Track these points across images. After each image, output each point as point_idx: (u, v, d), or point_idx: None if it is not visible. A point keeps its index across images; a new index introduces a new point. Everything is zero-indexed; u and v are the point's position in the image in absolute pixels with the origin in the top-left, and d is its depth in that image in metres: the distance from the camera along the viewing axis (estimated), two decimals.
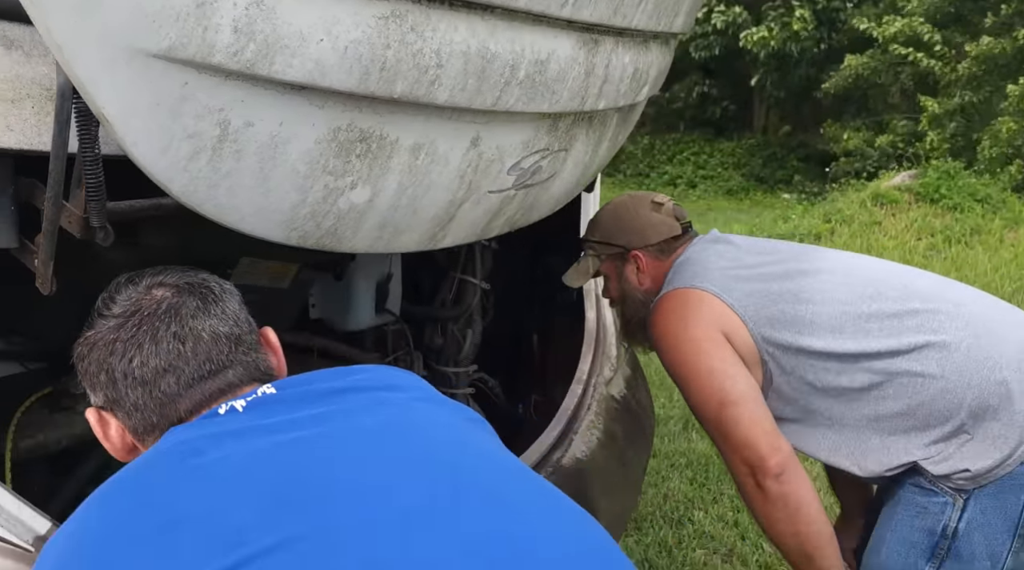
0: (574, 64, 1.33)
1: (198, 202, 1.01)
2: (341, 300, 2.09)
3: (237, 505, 0.74)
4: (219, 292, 1.00)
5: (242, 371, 0.95)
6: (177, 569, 0.70)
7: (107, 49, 0.84)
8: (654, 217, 1.85)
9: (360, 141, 1.11)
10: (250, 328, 1.01)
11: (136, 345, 0.91)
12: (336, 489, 0.76)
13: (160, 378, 0.91)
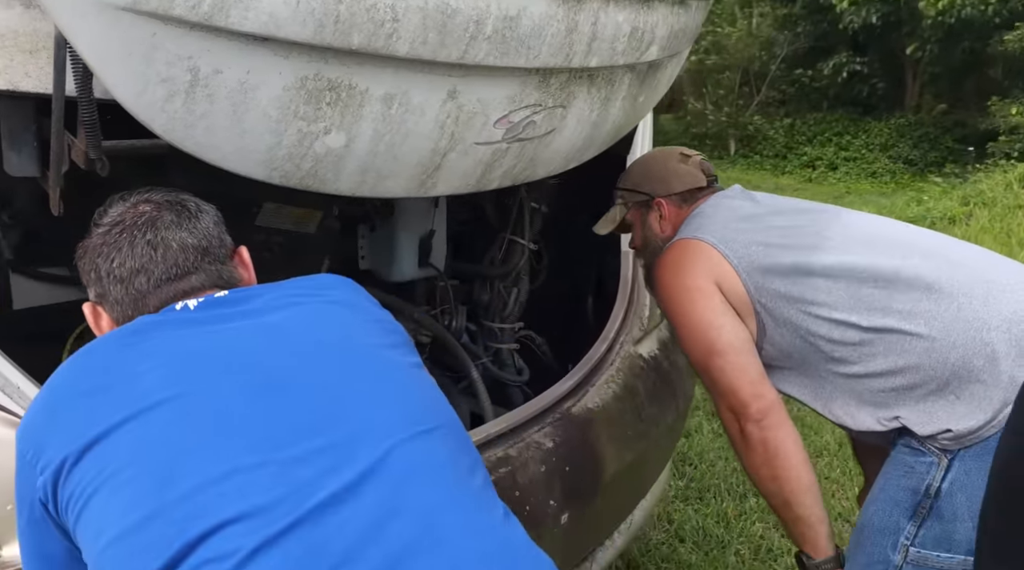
0: (551, 20, 1.40)
1: (179, 140, 1.17)
2: (386, 253, 2.25)
3: (150, 373, 0.90)
4: (194, 210, 1.16)
5: (204, 277, 1.11)
6: (95, 422, 0.87)
7: (80, 3, 1.00)
8: (680, 167, 1.92)
9: (329, 90, 1.24)
10: (220, 244, 1.16)
11: (117, 249, 1.09)
12: (221, 364, 0.91)
13: (134, 277, 1.08)
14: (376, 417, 0.91)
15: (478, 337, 2.52)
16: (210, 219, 1.17)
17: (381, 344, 1.03)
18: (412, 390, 0.99)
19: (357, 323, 1.06)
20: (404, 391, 0.97)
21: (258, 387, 0.90)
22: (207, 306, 1.03)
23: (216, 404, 0.88)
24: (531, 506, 1.71)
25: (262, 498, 0.80)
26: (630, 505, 2.22)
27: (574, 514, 1.82)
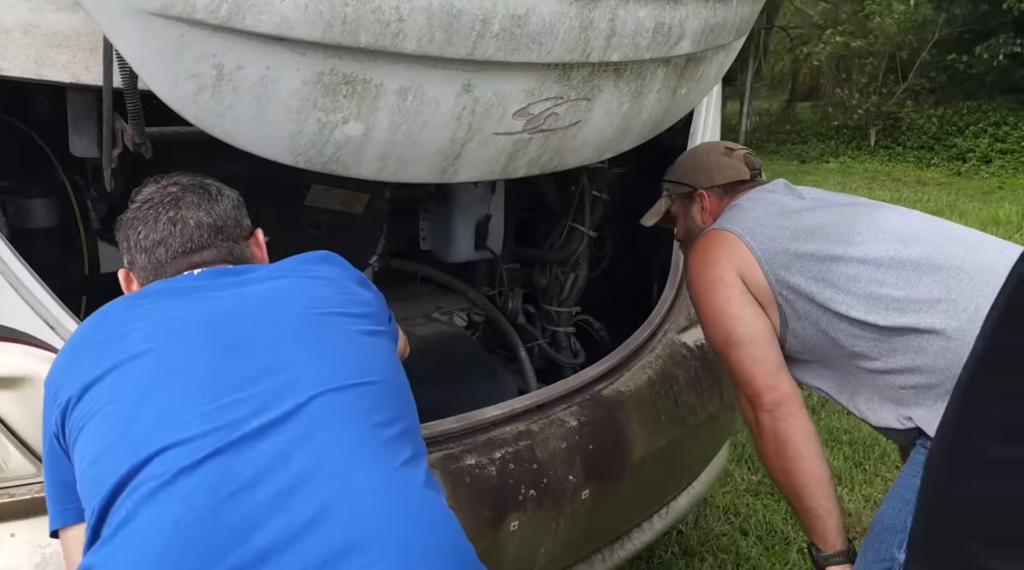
0: (563, 18, 1.47)
1: (210, 128, 1.33)
2: (444, 235, 2.38)
3: (138, 331, 1.06)
4: (215, 193, 1.32)
5: (216, 253, 1.27)
6: (94, 368, 1.04)
7: (116, 8, 1.17)
8: (723, 160, 1.94)
9: (345, 83, 1.36)
10: (236, 224, 1.32)
11: (144, 222, 1.27)
12: (196, 324, 1.06)
13: (156, 248, 1.25)
14: (309, 371, 1.03)
15: (536, 319, 2.61)
16: (229, 202, 1.33)
17: (338, 312, 1.15)
18: (348, 352, 1.10)
19: (324, 295, 1.18)
20: (340, 352, 1.09)
21: (218, 344, 1.04)
22: (210, 276, 1.19)
23: (181, 357, 1.03)
24: (548, 479, 1.80)
25: (198, 430, 0.94)
26: (668, 491, 2.26)
27: (596, 491, 1.89)
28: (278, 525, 0.88)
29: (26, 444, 1.37)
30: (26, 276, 1.40)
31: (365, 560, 0.87)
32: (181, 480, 0.90)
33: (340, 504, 0.91)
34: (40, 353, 1.38)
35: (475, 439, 1.76)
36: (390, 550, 0.89)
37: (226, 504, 0.89)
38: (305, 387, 1.00)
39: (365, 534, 0.90)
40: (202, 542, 0.86)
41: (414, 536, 0.93)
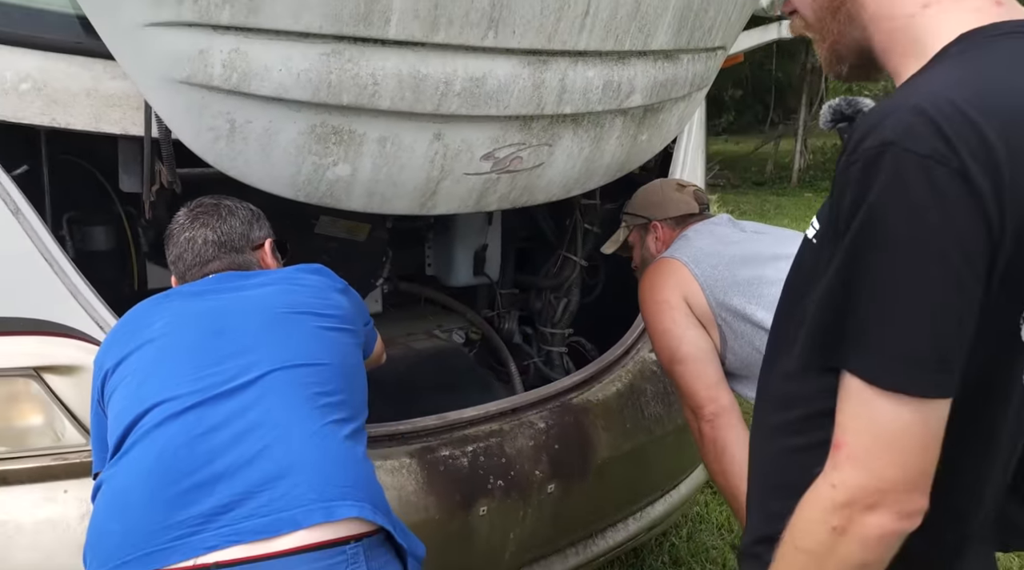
0: (517, 79, 1.78)
1: (226, 169, 1.67)
2: (445, 262, 2.69)
3: (157, 321, 1.40)
4: (225, 213, 1.67)
5: (221, 263, 1.61)
6: (125, 348, 1.37)
7: (153, 78, 1.52)
8: (675, 195, 2.21)
9: (333, 133, 1.70)
10: (241, 238, 1.66)
11: (173, 241, 1.63)
12: (197, 318, 1.39)
13: (178, 261, 1.61)
14: (271, 353, 1.35)
15: (533, 340, 2.89)
16: (238, 220, 1.68)
17: (308, 312, 1.47)
18: (305, 341, 1.41)
19: (301, 299, 1.50)
20: (299, 341, 1.40)
21: (210, 331, 1.38)
22: (218, 280, 1.53)
23: (182, 340, 1.37)
24: (515, 472, 2.07)
25: (184, 390, 1.27)
26: (640, 495, 2.49)
27: (562, 486, 2.15)
28: (232, 456, 1.20)
29: (78, 419, 1.72)
30: (83, 287, 1.76)
31: (291, 482, 1.19)
32: (168, 423, 1.23)
33: (278, 445, 1.22)
34: (91, 348, 1.73)
35: (451, 435, 2.04)
36: (310, 477, 1.20)
37: (197, 440, 1.21)
38: (266, 364, 1.32)
39: (293, 465, 1.21)
40: (177, 464, 1.19)
41: (330, 469, 1.23)
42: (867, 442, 0.88)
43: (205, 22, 1.46)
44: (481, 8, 1.63)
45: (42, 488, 1.69)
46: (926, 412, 0.86)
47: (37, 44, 1.64)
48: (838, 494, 0.90)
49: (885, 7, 0.96)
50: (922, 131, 0.82)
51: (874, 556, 0.91)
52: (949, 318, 0.84)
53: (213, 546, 1.16)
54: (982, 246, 0.82)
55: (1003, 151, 0.82)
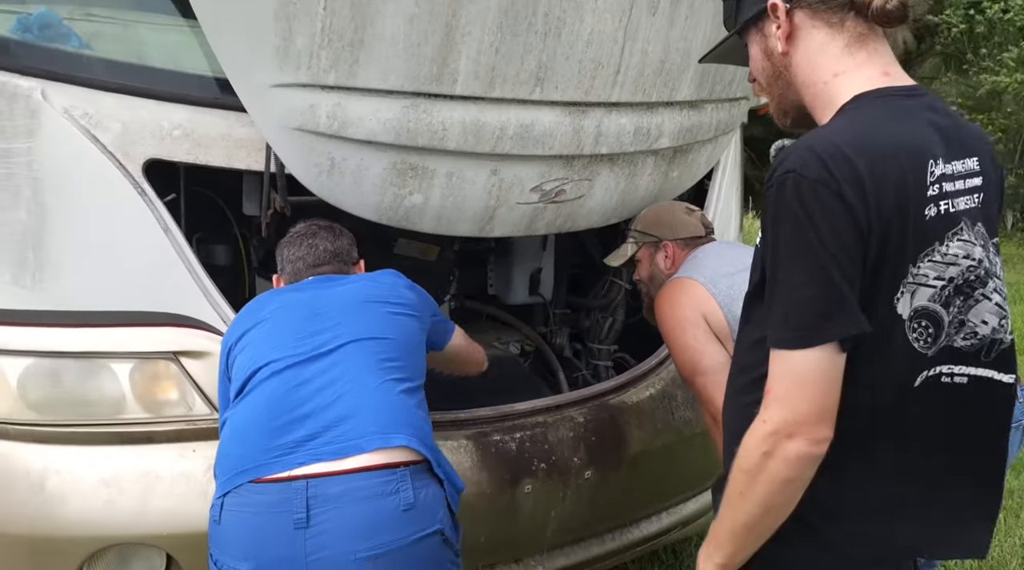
0: (560, 125, 2.18)
1: (326, 197, 2.11)
2: (505, 282, 3.09)
3: (269, 306, 1.83)
4: (338, 232, 2.12)
5: (330, 268, 2.04)
6: (244, 327, 1.82)
7: (274, 126, 1.97)
8: (686, 218, 2.48)
9: (410, 169, 2.12)
10: (347, 254, 2.11)
11: (293, 245, 2.08)
12: (299, 304, 1.84)
13: (297, 262, 2.05)
14: (350, 329, 1.77)
15: (582, 354, 3.24)
16: (347, 240, 2.12)
17: (381, 301, 1.88)
18: (377, 321, 1.81)
19: (377, 292, 1.91)
20: (370, 321, 1.81)
21: (308, 313, 1.82)
22: (316, 281, 1.97)
23: (286, 319, 1.81)
24: (556, 457, 2.42)
25: (285, 354, 1.71)
26: (672, 490, 2.80)
27: (598, 473, 2.49)
28: (317, 401, 1.63)
29: (205, 394, 2.16)
30: (213, 290, 2.20)
31: (357, 420, 1.61)
32: (273, 377, 1.68)
33: (350, 394, 1.65)
34: (216, 337, 2.17)
35: (502, 423, 2.41)
36: (372, 416, 1.62)
37: (293, 389, 1.66)
38: (346, 336, 1.75)
39: (360, 408, 1.63)
40: (278, 405, 1.64)
41: (387, 411, 1.65)
42: (786, 385, 1.20)
43: (316, 83, 1.91)
44: (529, 70, 2.04)
45: (176, 447, 2.12)
46: (824, 363, 1.18)
47: (187, 100, 2.12)
48: (767, 426, 1.21)
49: (809, 76, 1.33)
50: (812, 163, 1.17)
51: (794, 473, 1.21)
52: (834, 292, 1.17)
53: (301, 462, 1.59)
54: (853, 243, 1.17)
55: (868, 178, 1.17)
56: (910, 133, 1.23)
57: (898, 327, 1.24)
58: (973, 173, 1.27)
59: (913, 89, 1.29)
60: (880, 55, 1.30)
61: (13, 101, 2.05)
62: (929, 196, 1.21)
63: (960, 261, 1.24)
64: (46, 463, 2.06)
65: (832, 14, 1.29)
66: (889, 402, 1.28)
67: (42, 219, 2.08)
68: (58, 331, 2.10)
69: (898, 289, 1.22)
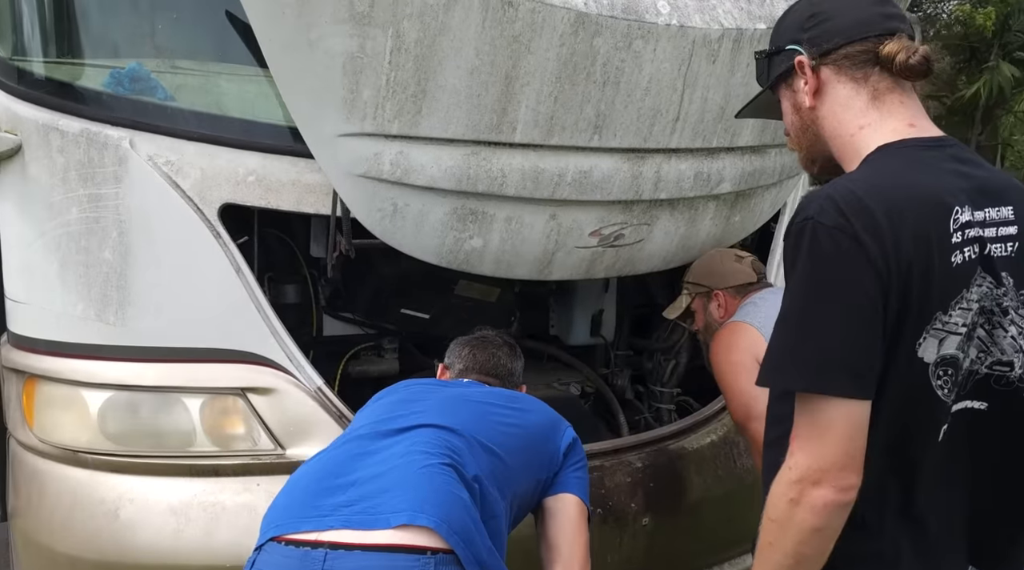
0: (618, 172, 2.20)
1: (389, 241, 2.18)
2: (566, 323, 3.10)
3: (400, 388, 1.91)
4: (518, 354, 2.17)
5: (497, 383, 2.07)
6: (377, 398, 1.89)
7: (341, 172, 2.06)
8: (735, 266, 2.48)
9: (470, 214, 2.17)
10: (518, 376, 2.15)
11: (473, 347, 2.12)
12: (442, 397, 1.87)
13: (472, 362, 2.09)
14: (434, 415, 1.75)
15: (644, 397, 3.22)
16: (521, 364, 2.17)
17: (490, 405, 1.88)
18: (467, 417, 1.78)
19: (496, 400, 1.92)
20: (461, 415, 1.78)
21: (410, 397, 1.85)
22: (473, 384, 2.01)
23: (394, 399, 1.86)
24: (613, 503, 2.41)
25: (365, 423, 1.76)
26: (733, 541, 2.74)
27: (656, 520, 2.46)
28: (366, 471, 1.60)
29: (270, 430, 2.23)
30: (281, 329, 2.29)
31: (393, 494, 1.55)
32: (344, 445, 1.72)
33: (397, 470, 1.61)
34: (282, 375, 2.26)
35: None
36: (408, 493, 1.56)
37: (354, 458, 1.66)
38: (424, 419, 1.75)
39: (400, 484, 1.58)
40: (335, 469, 1.63)
41: (425, 492, 1.57)
42: (810, 433, 1.21)
43: (380, 133, 1.98)
44: (587, 118, 2.08)
45: (241, 481, 2.20)
46: (847, 409, 1.18)
47: (259, 147, 2.22)
48: (792, 474, 1.21)
49: (835, 129, 1.37)
50: (831, 210, 1.20)
51: (822, 522, 1.20)
52: (856, 338, 1.17)
53: (331, 526, 1.56)
54: (874, 289, 1.17)
55: (886, 225, 1.18)
56: (931, 182, 1.25)
57: (920, 373, 1.23)
58: (1008, 221, 1.28)
59: (939, 140, 1.31)
60: (906, 107, 1.33)
61: (104, 150, 2.19)
62: (954, 243, 1.22)
63: (974, 305, 1.24)
64: (120, 492, 2.17)
65: (857, 69, 1.33)
66: (914, 449, 1.27)
67: (126, 259, 2.20)
68: (136, 365, 2.22)
69: (921, 335, 1.21)
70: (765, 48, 1.49)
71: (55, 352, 2.27)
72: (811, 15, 1.38)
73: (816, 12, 1.38)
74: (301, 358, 2.28)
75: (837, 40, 1.34)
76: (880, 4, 1.36)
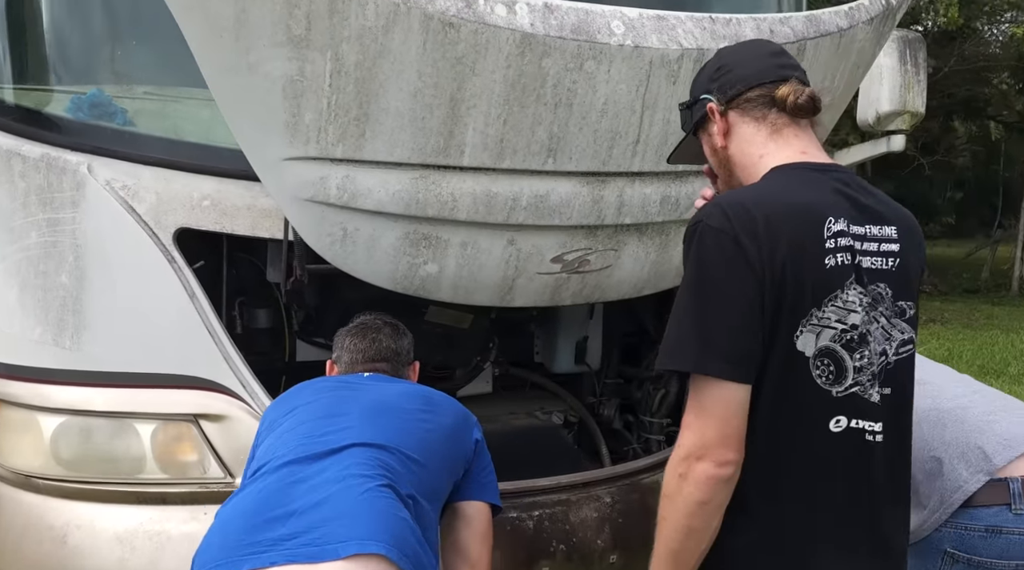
0: (578, 196, 2.13)
1: (341, 266, 2.14)
2: (550, 350, 3.02)
3: (303, 396, 1.85)
4: (402, 332, 2.14)
5: (387, 366, 2.05)
6: (273, 416, 1.83)
7: (288, 197, 2.03)
8: None
9: (424, 239, 2.12)
10: (406, 354, 2.13)
11: (355, 336, 2.09)
12: (332, 402, 1.84)
13: (356, 352, 2.07)
14: (361, 432, 1.71)
15: (633, 427, 3.11)
16: (408, 340, 2.14)
17: (409, 411, 1.85)
18: (393, 429, 1.75)
19: (411, 404, 1.88)
20: (387, 427, 1.75)
21: (329, 412, 1.80)
22: (371, 378, 1.98)
23: (308, 415, 1.80)
24: (578, 539, 2.31)
25: (289, 449, 1.70)
26: None
27: (623, 558, 2.36)
28: (304, 501, 1.54)
29: (221, 458, 2.20)
30: (234, 355, 2.26)
31: (339, 524, 1.51)
32: (271, 473, 1.65)
33: (337, 497, 1.56)
34: (235, 402, 2.23)
35: (521, 499, 2.33)
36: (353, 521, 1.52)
37: (286, 488, 1.60)
38: (352, 438, 1.71)
39: (344, 512, 1.54)
40: (268, 501, 1.58)
41: (370, 518, 1.54)
42: (695, 414, 1.35)
43: (325, 157, 1.95)
44: (540, 141, 2.01)
45: (189, 509, 2.17)
46: (725, 392, 1.32)
47: (215, 172, 2.21)
48: (680, 451, 1.36)
49: (742, 161, 1.55)
50: (717, 215, 1.37)
51: (706, 495, 1.33)
52: (733, 328, 1.32)
53: (275, 561, 1.51)
54: (751, 286, 1.32)
55: (764, 230, 1.34)
56: (811, 196, 1.41)
57: (801, 364, 1.35)
58: (889, 239, 1.44)
59: (828, 166, 1.49)
60: (800, 139, 1.52)
61: (63, 174, 2.20)
62: (827, 248, 1.37)
63: (857, 308, 1.38)
64: (68, 518, 2.15)
65: (757, 110, 1.52)
66: (800, 438, 1.37)
67: (81, 284, 2.20)
68: (90, 390, 2.21)
69: (797, 327, 1.35)
70: (687, 99, 1.67)
71: (13, 376, 2.27)
72: (718, 67, 1.58)
73: (722, 65, 1.58)
74: (255, 384, 2.24)
75: (739, 87, 1.53)
76: (775, 56, 1.56)
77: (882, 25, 2.37)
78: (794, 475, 1.37)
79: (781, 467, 1.37)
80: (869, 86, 3.31)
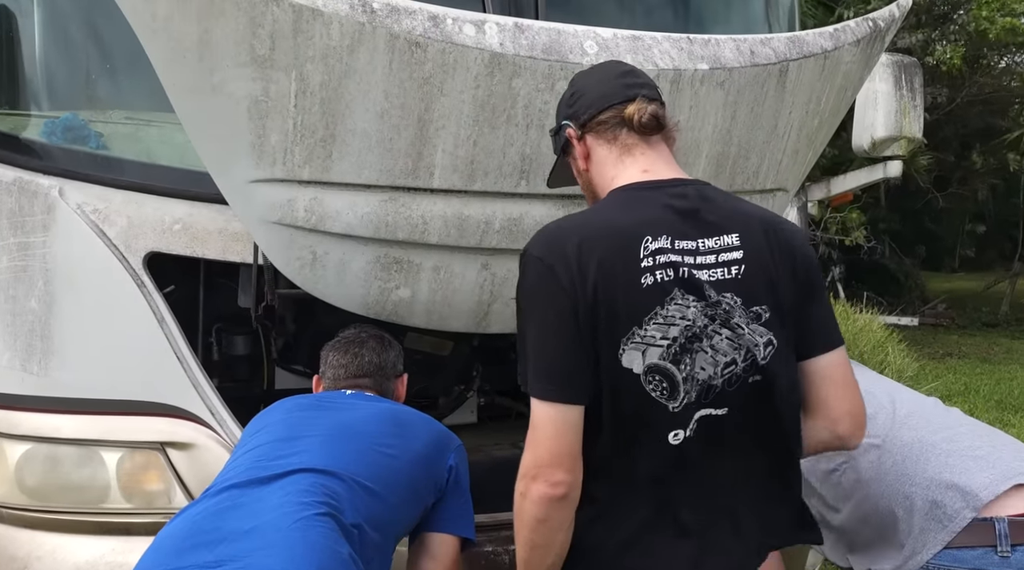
0: (553, 218, 2.07)
1: (311, 290, 2.09)
2: None
3: (274, 415, 1.82)
4: (386, 343, 2.10)
5: (371, 382, 2.01)
6: (243, 435, 1.78)
7: (255, 220, 1.99)
8: None
9: (395, 262, 2.07)
10: (392, 368, 2.08)
11: (338, 351, 2.05)
12: (294, 423, 1.80)
13: (339, 369, 2.03)
14: (311, 457, 1.66)
15: None
16: (394, 352, 2.11)
17: (374, 436, 1.78)
18: (349, 456, 1.69)
19: (383, 425, 1.84)
20: (343, 454, 1.69)
21: (288, 435, 1.75)
22: (351, 396, 1.94)
23: (268, 437, 1.76)
24: None
25: (238, 472, 1.65)
26: None
27: None
28: (235, 526, 1.49)
29: (187, 487, 2.14)
30: (203, 381, 2.21)
31: (266, 553, 1.45)
32: (214, 495, 1.61)
33: (268, 526, 1.51)
34: (203, 429, 2.17)
35: (498, 533, 2.25)
36: (281, 551, 1.46)
37: (222, 512, 1.56)
38: (299, 464, 1.65)
39: (273, 542, 1.48)
40: (201, 524, 1.54)
41: (300, 549, 1.47)
42: (532, 434, 1.40)
43: (291, 178, 1.91)
44: (512, 163, 1.97)
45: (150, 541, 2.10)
46: (554, 412, 1.37)
47: (186, 196, 2.19)
48: (521, 471, 1.41)
49: (600, 183, 1.60)
50: (539, 242, 1.48)
51: (543, 514, 1.39)
52: (554, 351, 1.38)
53: None
54: (566, 309, 1.38)
55: (575, 254, 1.40)
56: (631, 217, 1.46)
57: (631, 380, 1.40)
58: (729, 248, 1.47)
59: (664, 182, 1.52)
60: (646, 157, 1.56)
61: (34, 198, 2.19)
62: (644, 267, 1.41)
63: (678, 321, 1.41)
64: (30, 549, 2.10)
65: (609, 132, 1.57)
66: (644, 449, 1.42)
67: (50, 309, 2.17)
68: (56, 417, 2.17)
69: (619, 346, 1.39)
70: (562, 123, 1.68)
71: None
72: (572, 93, 1.64)
73: (575, 91, 1.63)
74: (224, 412, 2.19)
75: (590, 112, 1.58)
76: (622, 76, 1.60)
77: (869, 47, 2.33)
78: (639, 483, 1.43)
79: (626, 476, 1.43)
80: (864, 112, 3.27)
